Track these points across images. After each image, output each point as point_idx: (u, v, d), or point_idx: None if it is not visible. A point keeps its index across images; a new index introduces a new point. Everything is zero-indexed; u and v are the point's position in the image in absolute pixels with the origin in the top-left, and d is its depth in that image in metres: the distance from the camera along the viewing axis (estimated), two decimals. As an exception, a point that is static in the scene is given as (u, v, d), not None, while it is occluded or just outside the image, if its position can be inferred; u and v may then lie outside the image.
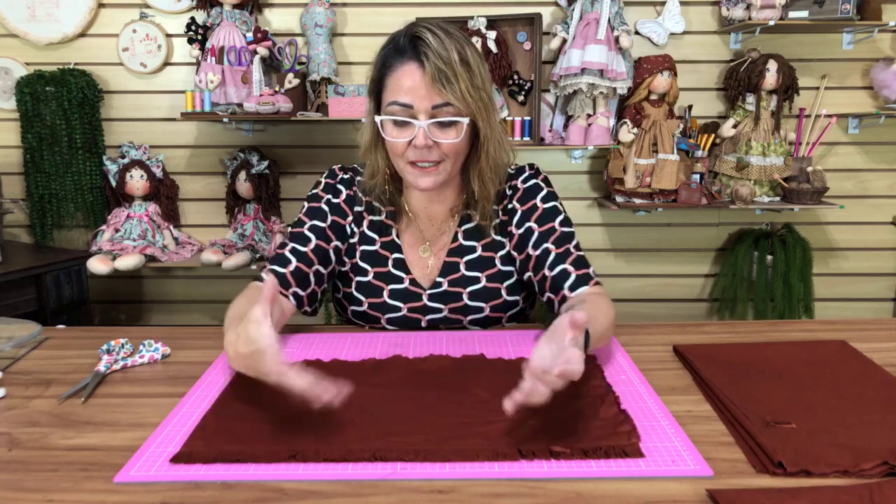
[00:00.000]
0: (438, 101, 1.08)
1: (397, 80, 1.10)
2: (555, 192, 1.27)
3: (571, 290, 1.15)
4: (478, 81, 1.10)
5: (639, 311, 2.80)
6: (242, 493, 0.72)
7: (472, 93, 1.08)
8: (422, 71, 1.07)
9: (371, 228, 1.27)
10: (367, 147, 1.20)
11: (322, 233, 1.22)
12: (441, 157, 1.12)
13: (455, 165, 1.15)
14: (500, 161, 1.19)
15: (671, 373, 1.03)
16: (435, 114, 1.08)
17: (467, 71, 1.08)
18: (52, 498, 0.71)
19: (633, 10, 2.52)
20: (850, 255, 2.76)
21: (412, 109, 1.09)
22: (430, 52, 1.06)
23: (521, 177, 1.27)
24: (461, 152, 1.15)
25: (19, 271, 2.19)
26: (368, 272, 1.26)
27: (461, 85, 1.07)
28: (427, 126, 1.08)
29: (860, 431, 0.82)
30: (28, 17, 2.50)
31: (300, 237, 1.21)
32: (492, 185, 1.20)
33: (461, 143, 1.12)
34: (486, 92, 1.12)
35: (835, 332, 1.20)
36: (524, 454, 0.77)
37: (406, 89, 1.09)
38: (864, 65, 2.59)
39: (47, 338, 1.22)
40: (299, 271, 1.19)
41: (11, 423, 0.89)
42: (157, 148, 2.61)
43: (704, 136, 2.53)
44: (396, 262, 1.26)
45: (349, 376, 1.00)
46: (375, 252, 1.26)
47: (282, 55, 2.46)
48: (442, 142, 1.10)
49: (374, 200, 1.26)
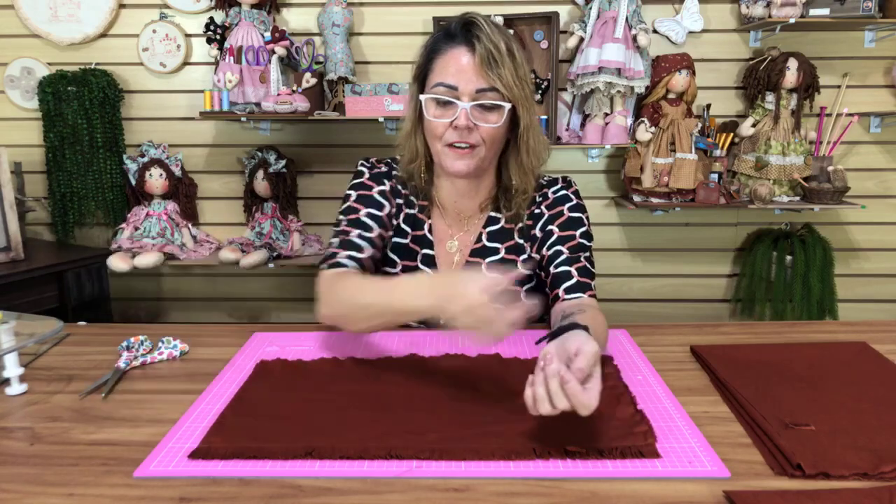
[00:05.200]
0: (484, 85, 1.11)
1: (446, 62, 1.14)
2: (584, 206, 1.28)
3: (567, 291, 1.16)
4: (522, 73, 1.13)
5: (656, 311, 2.78)
6: (259, 488, 0.72)
7: (516, 82, 1.12)
8: (471, 54, 1.11)
9: (406, 221, 1.29)
10: (408, 132, 1.23)
11: (381, 221, 1.24)
12: (478, 142, 1.14)
13: (490, 152, 1.17)
14: (540, 155, 1.22)
15: (688, 373, 1.03)
16: (478, 97, 1.12)
17: (513, 61, 1.12)
18: (74, 492, 0.72)
19: (651, 9, 2.51)
20: (872, 255, 2.72)
21: (457, 91, 1.12)
22: (483, 35, 1.11)
23: (553, 187, 1.28)
24: (498, 140, 1.17)
25: (41, 269, 2.22)
26: (397, 264, 1.28)
27: (506, 72, 1.10)
28: (470, 108, 1.11)
29: (880, 434, 0.81)
30: (50, 18, 2.53)
31: (360, 224, 1.22)
32: (532, 177, 1.22)
33: (500, 129, 1.14)
34: (529, 85, 1.15)
35: (855, 333, 1.18)
36: (539, 454, 0.77)
37: (454, 71, 1.12)
38: (887, 63, 2.56)
39: (68, 334, 1.24)
40: (374, 256, 1.22)
41: (33, 418, 0.90)
42: (176, 147, 2.64)
43: (723, 135, 2.51)
44: (425, 258, 1.28)
45: (365, 375, 1.01)
46: (406, 245, 1.28)
47: (299, 55, 2.47)
48: (482, 125, 1.13)
49: (412, 194, 1.28)
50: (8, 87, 2.59)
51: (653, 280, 2.76)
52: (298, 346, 1.14)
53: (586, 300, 1.14)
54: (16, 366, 0.98)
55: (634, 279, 2.75)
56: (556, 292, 1.17)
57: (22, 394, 0.98)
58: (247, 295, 2.79)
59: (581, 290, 1.16)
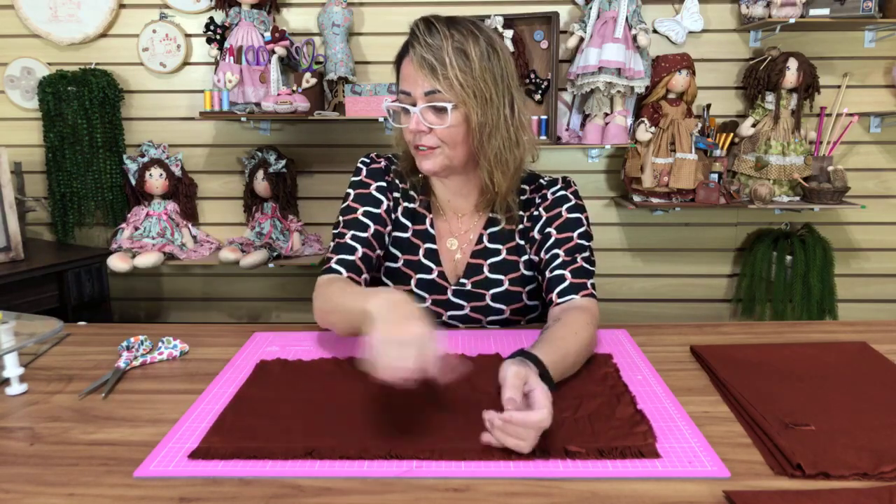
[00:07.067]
0: (427, 88, 1.11)
1: (402, 69, 1.16)
2: (583, 206, 1.26)
3: (560, 295, 1.15)
4: (475, 72, 1.10)
5: (656, 311, 2.78)
6: (259, 488, 0.72)
7: (462, 81, 1.09)
8: (412, 59, 1.12)
9: (405, 215, 1.29)
10: (397, 136, 1.25)
11: (378, 218, 1.24)
12: (436, 143, 1.15)
13: (455, 151, 1.15)
14: (507, 157, 1.16)
15: (688, 373, 1.03)
16: (427, 100, 1.12)
17: (463, 60, 1.09)
18: (74, 492, 0.72)
19: (651, 9, 2.51)
20: (872, 255, 2.72)
21: (411, 97, 1.13)
22: (417, 41, 1.11)
23: (553, 188, 1.27)
24: (458, 140, 1.14)
25: (41, 269, 2.22)
26: (399, 259, 1.28)
27: (450, 73, 1.09)
28: (420, 111, 1.12)
29: (880, 434, 0.81)
30: (50, 18, 2.53)
31: (357, 224, 1.22)
32: (502, 179, 1.18)
33: (455, 130, 1.13)
34: (488, 83, 1.11)
35: (855, 333, 1.18)
36: (539, 454, 0.77)
37: (403, 77, 1.15)
38: (887, 63, 2.56)
39: (68, 334, 1.24)
40: (367, 257, 1.21)
41: (33, 417, 0.90)
42: (176, 147, 2.64)
43: (723, 135, 2.51)
44: (428, 252, 1.27)
45: (365, 375, 1.01)
46: (408, 240, 1.28)
47: (299, 55, 2.47)
48: (436, 127, 1.13)
49: (411, 189, 1.29)
50: (8, 87, 2.59)
51: (653, 280, 2.76)
52: (298, 346, 1.14)
53: (576, 301, 1.13)
54: (16, 366, 0.98)
55: (634, 279, 2.75)
56: (550, 297, 1.17)
57: (22, 394, 0.98)
58: (247, 295, 2.79)
59: (574, 292, 1.15)
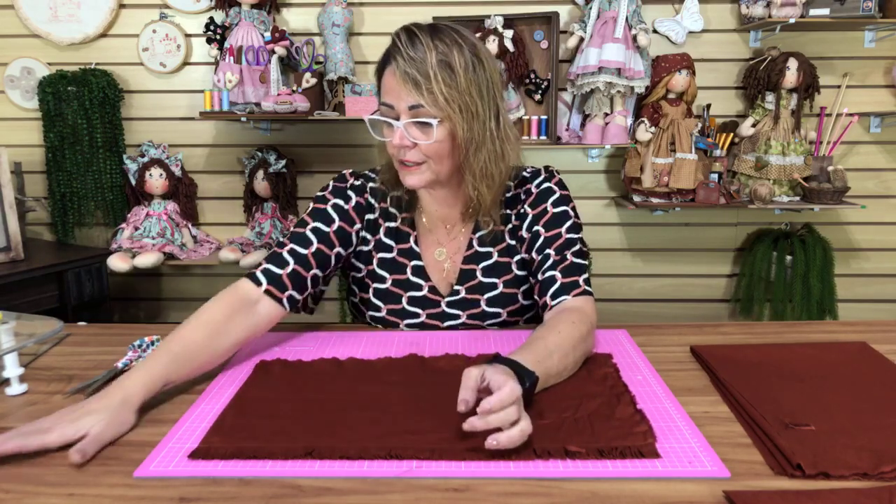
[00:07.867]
0: (411, 102, 1.07)
1: (383, 81, 1.12)
2: (568, 195, 1.24)
3: (553, 297, 1.13)
4: (460, 85, 1.06)
5: (656, 311, 2.78)
6: (259, 488, 0.72)
7: (447, 95, 1.05)
8: (394, 72, 1.08)
9: (388, 235, 1.25)
10: (380, 146, 1.20)
11: (325, 237, 1.19)
12: (422, 158, 1.11)
13: (441, 166, 1.12)
14: (493, 170, 1.13)
15: (688, 373, 1.03)
16: (413, 114, 1.08)
17: (448, 74, 1.05)
18: (73, 492, 0.72)
19: (651, 9, 2.51)
20: (872, 255, 2.72)
21: (394, 110, 1.09)
22: (400, 54, 1.06)
23: (536, 181, 1.24)
24: (444, 154, 1.11)
25: (41, 268, 2.22)
26: (387, 279, 1.25)
27: (435, 87, 1.05)
28: (404, 126, 1.08)
29: (880, 434, 0.81)
30: (50, 18, 2.53)
31: (301, 238, 1.19)
32: (487, 193, 1.15)
33: (440, 145, 1.09)
34: (473, 97, 1.07)
35: (855, 333, 1.18)
36: (539, 454, 0.77)
37: (386, 90, 1.10)
38: (887, 63, 2.56)
39: (68, 334, 1.24)
40: (296, 274, 1.15)
41: (33, 418, 0.90)
42: (176, 147, 2.64)
43: (723, 135, 2.51)
44: (415, 270, 1.25)
45: (365, 375, 1.01)
46: (393, 259, 1.25)
47: (299, 55, 2.47)
48: (420, 143, 1.09)
49: (392, 206, 1.25)
50: (8, 87, 2.59)
51: (653, 280, 2.76)
52: (298, 346, 1.14)
53: (567, 303, 1.11)
54: (16, 366, 0.97)
55: (634, 279, 2.75)
56: (543, 300, 1.15)
57: (22, 394, 0.98)
58: (247, 295, 2.79)
59: (566, 293, 1.12)
